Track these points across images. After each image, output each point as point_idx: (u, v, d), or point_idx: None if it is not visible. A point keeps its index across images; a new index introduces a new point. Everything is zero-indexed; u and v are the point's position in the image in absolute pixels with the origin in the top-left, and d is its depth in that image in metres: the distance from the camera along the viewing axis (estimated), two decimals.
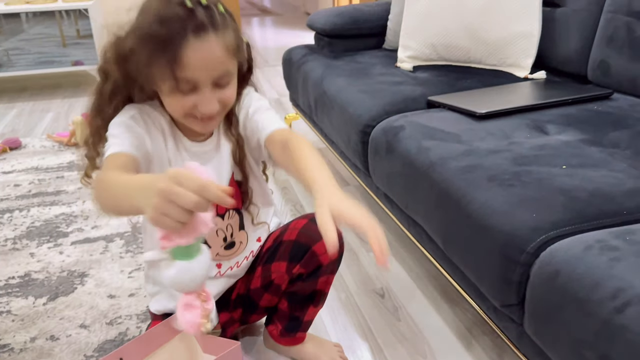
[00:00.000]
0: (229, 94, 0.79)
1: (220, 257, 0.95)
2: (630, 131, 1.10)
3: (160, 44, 0.71)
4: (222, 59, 0.75)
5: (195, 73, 0.73)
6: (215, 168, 0.89)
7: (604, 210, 0.85)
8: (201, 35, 0.71)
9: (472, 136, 1.13)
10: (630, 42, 1.31)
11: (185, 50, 0.71)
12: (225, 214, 0.92)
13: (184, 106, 0.76)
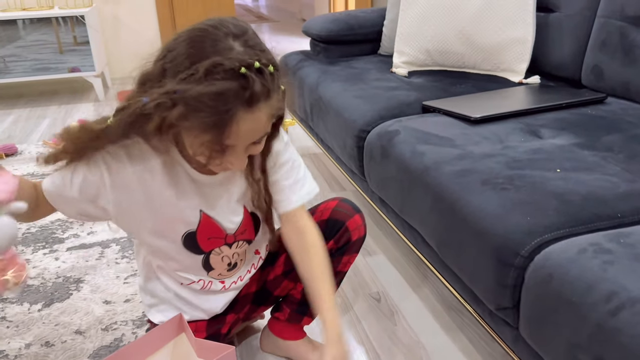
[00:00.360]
0: (259, 148, 0.77)
1: (222, 276, 0.96)
2: (624, 135, 1.11)
3: (211, 116, 0.66)
4: (264, 126, 0.73)
5: (239, 141, 0.71)
6: (227, 202, 0.87)
7: (597, 213, 0.86)
8: (253, 107, 0.68)
9: (466, 140, 1.13)
10: (624, 46, 1.32)
11: (235, 122, 0.67)
12: (233, 243, 0.91)
13: (213, 159, 0.73)
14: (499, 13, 1.52)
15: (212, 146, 0.70)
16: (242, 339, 1.18)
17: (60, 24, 3.07)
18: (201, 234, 0.87)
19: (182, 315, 0.86)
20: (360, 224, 0.99)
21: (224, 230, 0.88)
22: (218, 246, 0.90)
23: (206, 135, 0.69)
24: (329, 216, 0.99)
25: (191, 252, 0.89)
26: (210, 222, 0.87)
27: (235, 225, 0.89)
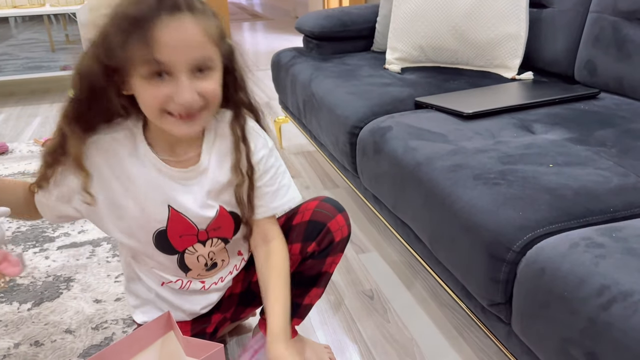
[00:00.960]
0: (211, 86, 0.73)
1: (202, 276, 0.93)
2: (617, 130, 1.10)
3: (133, 22, 0.67)
4: (199, 41, 0.70)
5: (170, 54, 0.68)
6: (197, 198, 0.83)
7: (590, 208, 0.85)
8: (175, 14, 0.68)
9: (458, 136, 1.12)
10: (617, 41, 1.32)
11: (158, 28, 0.67)
12: (207, 241, 0.87)
13: (159, 98, 0.70)
14: (492, 9, 1.51)
15: (147, 67, 0.68)
16: (234, 336, 1.17)
17: (52, 22, 3.05)
18: (172, 231, 0.84)
19: (170, 313, 0.85)
20: (343, 224, 0.96)
21: (194, 226, 0.85)
22: (191, 244, 0.87)
23: (134, 48, 0.67)
24: (309, 217, 0.94)
25: (164, 252, 0.86)
26: (180, 218, 0.83)
27: (207, 221, 0.85)
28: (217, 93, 0.75)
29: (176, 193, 0.82)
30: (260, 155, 0.85)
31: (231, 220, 0.87)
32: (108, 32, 0.70)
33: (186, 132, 0.75)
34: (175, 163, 0.81)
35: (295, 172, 2.05)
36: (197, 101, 0.72)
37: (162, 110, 0.72)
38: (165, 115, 0.72)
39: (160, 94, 0.70)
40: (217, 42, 0.73)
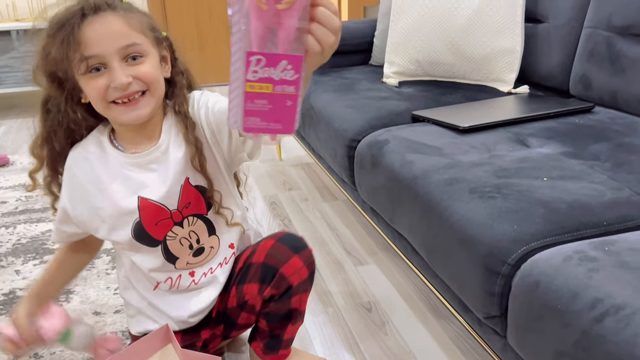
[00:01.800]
0: (145, 69, 0.79)
1: (191, 265, 0.93)
2: (611, 144, 1.12)
3: (61, 27, 0.75)
4: (123, 31, 0.77)
5: (98, 46, 0.75)
6: (161, 177, 0.87)
7: (583, 221, 0.86)
8: (99, 13, 0.76)
9: (455, 149, 1.14)
10: (611, 56, 1.34)
11: (83, 27, 0.75)
12: (182, 221, 0.89)
13: (99, 88, 0.77)
14: (488, 24, 1.53)
15: (83, 64, 0.75)
16: (231, 349, 1.17)
17: None
18: (146, 220, 0.86)
19: (168, 325, 0.85)
20: (299, 266, 0.91)
21: (166, 208, 0.87)
22: (169, 229, 0.88)
23: (67, 50, 0.74)
24: (263, 260, 0.93)
25: (147, 245, 0.89)
26: (150, 204, 0.86)
27: (174, 198, 0.87)
28: (153, 75, 0.80)
29: (143, 179, 0.86)
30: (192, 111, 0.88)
31: (198, 194, 0.89)
32: (45, 43, 0.78)
33: (133, 117, 0.81)
34: (135, 150, 0.88)
35: (294, 184, 2.06)
36: (134, 84, 0.78)
37: (106, 101, 0.79)
38: (111, 105, 0.79)
39: (99, 85, 0.77)
40: (144, 32, 0.80)
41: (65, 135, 0.88)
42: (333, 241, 1.63)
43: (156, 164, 0.87)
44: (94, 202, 0.87)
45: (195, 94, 0.90)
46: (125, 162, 0.87)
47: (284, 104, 0.52)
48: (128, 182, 0.86)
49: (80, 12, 0.76)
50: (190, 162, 0.85)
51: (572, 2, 1.47)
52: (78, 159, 0.88)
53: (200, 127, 0.87)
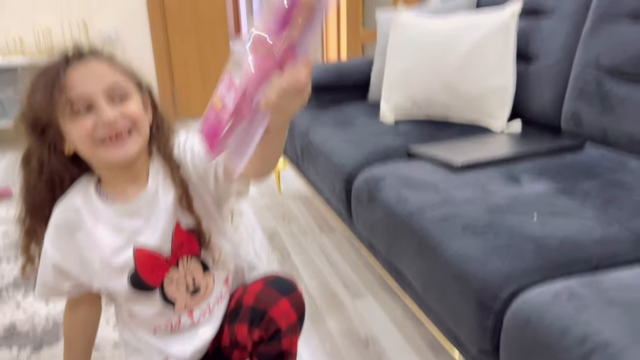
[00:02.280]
0: (130, 107, 0.80)
1: (189, 306, 0.94)
2: (601, 180, 1.15)
3: (46, 75, 0.77)
4: (107, 72, 0.80)
5: (83, 88, 0.77)
6: (153, 223, 0.87)
7: (573, 258, 0.89)
8: (82, 60, 0.79)
9: (449, 186, 1.17)
10: (600, 95, 1.38)
11: (68, 72, 0.77)
12: (178, 263, 0.90)
13: (87, 129, 0.78)
14: (481, 63, 1.58)
15: (69, 107, 0.77)
16: None
17: None
18: (142, 268, 0.87)
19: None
20: (286, 309, 0.91)
21: (160, 254, 0.87)
22: (165, 273, 0.89)
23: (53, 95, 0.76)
24: (252, 303, 0.93)
25: (144, 292, 0.89)
26: (146, 252, 0.86)
27: (167, 242, 0.88)
28: (139, 114, 0.82)
29: (135, 227, 0.86)
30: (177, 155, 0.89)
31: (189, 234, 0.89)
32: (29, 90, 0.80)
33: (122, 155, 0.81)
34: (123, 199, 0.88)
35: (293, 216, 2.09)
36: (121, 122, 0.79)
37: (94, 140, 0.79)
38: (99, 145, 0.79)
39: (87, 124, 0.78)
40: (127, 75, 0.83)
41: (47, 188, 0.87)
42: (331, 274, 1.64)
43: (147, 209, 0.87)
44: (86, 255, 0.87)
45: (180, 138, 0.91)
46: (115, 213, 0.86)
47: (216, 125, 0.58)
48: (121, 233, 0.86)
49: (64, 59, 0.79)
50: (178, 202, 0.86)
51: (562, 43, 1.52)
52: (66, 213, 0.87)
53: (186, 169, 0.88)
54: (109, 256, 0.86)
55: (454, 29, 1.64)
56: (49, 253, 0.87)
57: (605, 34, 1.38)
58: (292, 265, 1.72)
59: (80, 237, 0.87)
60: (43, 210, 0.88)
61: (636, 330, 0.68)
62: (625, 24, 1.33)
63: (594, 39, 1.41)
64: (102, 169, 0.86)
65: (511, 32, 1.57)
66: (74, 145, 0.82)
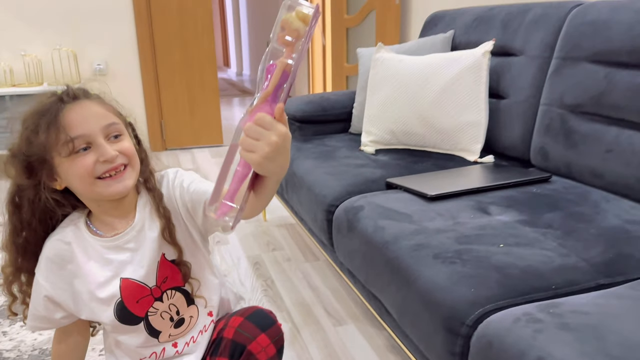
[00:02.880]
0: (125, 145, 0.86)
1: (173, 337, 0.97)
2: (563, 212, 1.23)
3: (42, 116, 0.82)
4: (102, 113, 0.85)
5: (83, 128, 0.82)
6: (138, 256, 0.91)
7: (534, 285, 0.96)
8: (76, 101, 0.84)
9: (422, 216, 1.24)
10: (564, 131, 1.48)
11: (66, 114, 0.82)
12: (162, 295, 0.93)
13: (87, 166, 0.82)
14: (454, 99, 1.68)
15: (68, 146, 0.81)
16: None
17: None
18: (128, 299, 0.91)
19: None
20: (266, 344, 0.94)
21: (145, 286, 0.91)
22: (150, 305, 0.92)
23: (51, 136, 0.81)
24: (232, 336, 0.95)
25: (129, 323, 0.92)
26: (131, 284, 0.90)
27: (152, 275, 0.92)
28: (133, 150, 0.88)
29: (122, 260, 0.91)
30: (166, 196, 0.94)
31: (173, 267, 0.94)
32: (25, 132, 0.83)
33: (120, 189, 0.86)
34: (109, 234, 0.92)
35: (278, 244, 2.14)
36: (119, 157, 0.85)
37: (93, 177, 0.83)
38: (97, 181, 0.84)
39: (87, 162, 0.83)
40: (118, 115, 0.89)
41: (40, 224, 0.91)
42: (314, 302, 1.69)
43: (133, 243, 0.91)
44: (76, 287, 0.91)
45: (169, 173, 0.96)
46: (104, 246, 0.91)
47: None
48: (109, 265, 0.90)
49: (58, 100, 0.83)
50: (161, 234, 0.91)
51: (530, 82, 1.62)
52: (58, 246, 0.91)
53: (174, 204, 0.93)
54: (95, 288, 0.90)
55: (430, 66, 1.74)
56: (41, 285, 0.91)
57: (568, 75, 1.48)
58: (276, 292, 1.76)
59: (71, 269, 0.91)
60: (36, 247, 0.91)
61: (585, 352, 0.75)
62: (585, 67, 1.44)
63: (558, 79, 1.51)
64: (93, 204, 0.90)
65: (483, 70, 1.67)
66: (67, 182, 0.87)
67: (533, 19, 1.66)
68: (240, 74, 8.81)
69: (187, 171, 0.97)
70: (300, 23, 0.62)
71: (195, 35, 3.60)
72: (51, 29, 3.30)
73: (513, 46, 1.71)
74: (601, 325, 0.80)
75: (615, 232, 1.12)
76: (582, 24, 1.48)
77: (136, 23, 3.44)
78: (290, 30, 0.63)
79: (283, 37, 0.63)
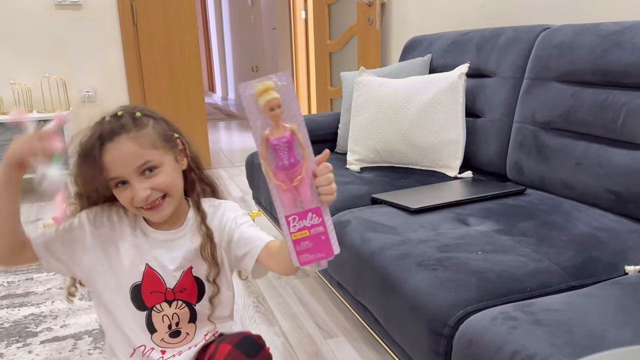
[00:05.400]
0: (160, 180, 0.92)
1: (165, 344, 0.99)
2: (537, 221, 1.31)
3: (84, 156, 0.89)
4: (136, 153, 0.90)
5: (117, 170, 0.89)
6: (170, 257, 0.98)
7: (510, 288, 1.03)
8: (114, 139, 0.89)
9: (406, 228, 1.31)
10: (537, 146, 1.57)
11: (103, 155, 0.89)
12: (172, 301, 0.98)
13: (126, 199, 0.91)
14: (433, 119, 1.78)
15: (112, 182, 0.90)
16: None
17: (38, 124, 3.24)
18: (145, 287, 0.97)
19: None
20: None
21: (164, 284, 0.97)
22: (159, 302, 0.98)
23: (95, 176, 0.89)
24: None
25: (136, 307, 0.98)
26: (153, 275, 0.97)
27: (174, 280, 0.97)
28: (168, 184, 0.93)
29: (157, 253, 0.98)
30: (217, 220, 1.01)
31: (194, 285, 1.00)
32: (74, 168, 0.92)
33: (158, 218, 0.95)
34: (158, 225, 0.99)
35: None
36: (153, 194, 0.91)
37: (134, 207, 0.92)
38: (139, 209, 0.93)
39: (126, 196, 0.92)
40: (155, 145, 0.93)
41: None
42: (305, 316, 1.75)
43: (175, 244, 0.98)
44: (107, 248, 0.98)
45: (227, 205, 1.04)
46: (148, 234, 0.98)
47: (319, 239, 0.77)
48: (143, 250, 0.98)
49: (98, 141, 0.89)
50: (200, 251, 0.97)
51: (503, 101, 1.73)
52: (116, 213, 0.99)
53: (219, 232, 1.00)
54: (125, 263, 0.97)
55: (410, 88, 1.84)
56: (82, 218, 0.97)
57: (538, 94, 1.59)
58: (268, 308, 1.82)
59: (113, 235, 0.98)
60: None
61: (556, 344, 0.82)
62: (554, 86, 1.54)
63: (529, 98, 1.62)
64: None
65: (459, 91, 1.78)
66: None
67: (505, 43, 1.77)
68: (226, 99, 8.91)
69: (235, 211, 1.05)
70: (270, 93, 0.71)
71: (182, 61, 3.68)
72: (40, 57, 3.36)
73: (487, 68, 1.82)
74: (570, 320, 0.88)
75: (585, 239, 1.21)
76: (549, 46, 1.59)
77: (124, 50, 3.51)
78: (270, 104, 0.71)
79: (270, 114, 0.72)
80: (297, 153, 0.75)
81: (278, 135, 0.73)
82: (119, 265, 0.97)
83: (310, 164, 0.76)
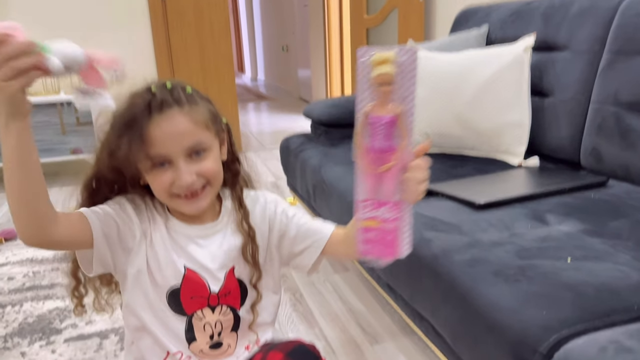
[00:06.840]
0: (208, 165, 0.80)
1: (203, 355, 0.88)
2: (629, 220, 1.11)
3: (128, 125, 0.75)
4: (189, 130, 0.78)
5: (165, 147, 0.76)
6: (210, 255, 0.86)
7: (613, 306, 0.84)
8: (164, 111, 0.76)
9: (473, 227, 1.13)
10: (620, 131, 1.36)
11: (150, 127, 0.75)
12: (216, 306, 0.86)
13: (164, 183, 0.78)
14: (495, 98, 1.57)
15: (149, 162, 0.77)
16: None
17: (63, 105, 3.16)
18: (185, 292, 0.84)
19: None
20: None
21: (207, 288, 0.85)
22: (200, 307, 0.85)
23: (134, 148, 0.74)
24: None
25: (174, 312, 0.85)
26: (195, 278, 0.84)
27: (218, 282, 0.85)
28: (214, 171, 0.82)
29: (193, 250, 0.85)
30: (258, 215, 0.90)
31: (237, 287, 0.88)
32: (109, 138, 0.78)
33: (194, 209, 0.82)
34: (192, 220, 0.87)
35: None
36: (197, 181, 0.80)
37: (170, 194, 0.80)
38: (174, 197, 0.81)
39: (165, 181, 0.79)
40: (208, 126, 0.81)
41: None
42: (347, 317, 1.59)
43: (211, 239, 0.86)
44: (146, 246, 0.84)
45: (267, 197, 0.93)
46: (181, 230, 0.86)
47: (389, 235, 0.69)
48: (180, 249, 0.85)
49: (147, 109, 0.76)
50: (242, 251, 0.86)
51: (577, 78, 1.51)
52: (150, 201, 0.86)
53: (266, 228, 0.89)
54: (162, 263, 0.84)
55: (467, 63, 1.64)
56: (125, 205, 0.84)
57: (622, 70, 1.37)
58: (306, 307, 1.66)
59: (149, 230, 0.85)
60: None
61: None
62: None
63: (612, 74, 1.39)
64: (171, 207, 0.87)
65: (525, 67, 1.56)
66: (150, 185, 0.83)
67: (578, 12, 1.55)
68: (255, 79, 8.76)
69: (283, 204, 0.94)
70: (385, 67, 0.63)
71: (212, 40, 3.53)
72: (68, 36, 3.24)
73: (556, 41, 1.60)
74: None
75: None
76: (635, 15, 1.36)
77: (152, 29, 3.38)
78: (382, 78, 0.64)
79: (379, 89, 0.65)
80: (394, 138, 0.66)
81: (380, 113, 0.65)
82: (155, 265, 0.84)
83: (405, 155, 0.67)
